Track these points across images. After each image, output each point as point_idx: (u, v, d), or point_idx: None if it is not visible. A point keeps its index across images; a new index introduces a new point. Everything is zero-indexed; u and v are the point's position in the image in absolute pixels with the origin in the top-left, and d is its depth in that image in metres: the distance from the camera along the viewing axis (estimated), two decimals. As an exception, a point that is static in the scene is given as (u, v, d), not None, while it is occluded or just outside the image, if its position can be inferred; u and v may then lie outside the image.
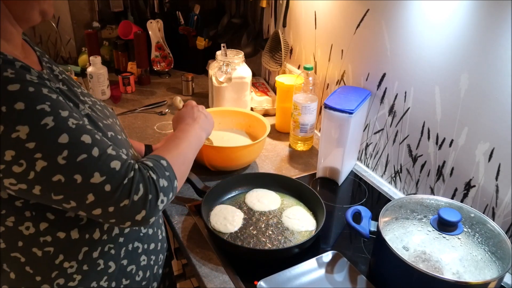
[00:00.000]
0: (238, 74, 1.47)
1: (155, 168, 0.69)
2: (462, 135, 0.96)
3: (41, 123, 0.59)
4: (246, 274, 0.88)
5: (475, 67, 0.89)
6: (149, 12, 2.04)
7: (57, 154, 0.60)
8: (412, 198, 0.92)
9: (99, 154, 0.63)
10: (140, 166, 0.68)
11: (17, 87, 0.58)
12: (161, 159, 0.72)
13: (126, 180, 0.64)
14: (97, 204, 0.63)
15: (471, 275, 0.75)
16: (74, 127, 0.62)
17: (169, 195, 0.70)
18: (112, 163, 0.64)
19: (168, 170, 0.71)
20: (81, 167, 0.61)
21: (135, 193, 0.64)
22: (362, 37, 1.21)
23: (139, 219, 0.66)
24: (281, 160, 1.34)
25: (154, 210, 0.67)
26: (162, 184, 0.69)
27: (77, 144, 0.61)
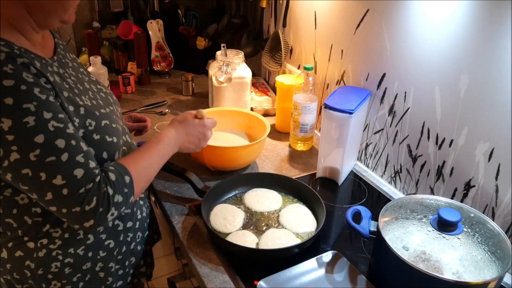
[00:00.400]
0: (238, 74, 1.47)
1: (115, 184, 0.74)
2: (462, 135, 0.96)
3: (23, 120, 0.65)
4: (246, 274, 0.88)
5: (475, 67, 0.89)
6: (149, 12, 2.04)
7: (30, 151, 0.66)
8: (412, 198, 0.92)
9: (66, 160, 0.69)
10: (101, 179, 0.73)
11: (11, 83, 0.64)
12: (125, 175, 0.77)
13: (82, 190, 0.70)
14: (53, 203, 0.70)
15: (471, 275, 0.75)
16: (52, 130, 0.68)
17: (121, 209, 0.76)
18: (76, 170, 0.70)
19: (128, 187, 0.77)
20: (47, 167, 0.67)
21: (87, 203, 0.70)
22: (362, 37, 1.21)
23: (87, 226, 0.72)
24: (281, 160, 1.34)
25: (102, 221, 0.73)
26: (117, 200, 0.74)
27: (50, 146, 0.68)
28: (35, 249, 0.81)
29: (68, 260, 0.84)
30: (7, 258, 0.83)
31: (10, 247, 0.82)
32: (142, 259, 1.02)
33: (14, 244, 0.82)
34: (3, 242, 0.82)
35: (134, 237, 0.96)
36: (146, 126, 1.15)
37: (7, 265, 0.84)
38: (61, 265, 0.84)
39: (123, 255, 0.94)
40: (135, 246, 0.97)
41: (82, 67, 0.93)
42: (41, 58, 0.75)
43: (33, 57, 0.72)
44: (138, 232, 0.98)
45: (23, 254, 0.82)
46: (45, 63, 0.76)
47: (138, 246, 0.98)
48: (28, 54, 0.71)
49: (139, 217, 0.97)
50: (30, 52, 0.72)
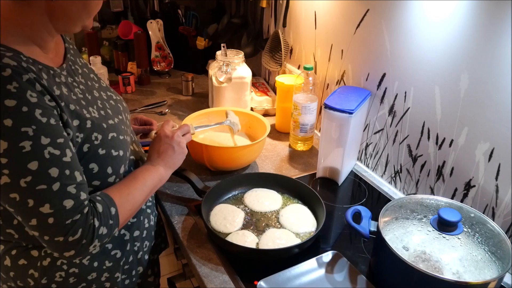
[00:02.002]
0: (238, 74, 1.47)
1: (102, 216, 0.73)
2: (462, 135, 0.96)
3: (19, 144, 0.63)
4: (246, 274, 0.88)
5: (475, 67, 0.89)
6: (149, 12, 2.04)
7: (21, 177, 0.64)
8: (412, 198, 0.92)
9: (57, 189, 0.67)
10: (89, 210, 0.71)
11: (13, 103, 0.62)
12: (111, 206, 0.75)
13: (69, 221, 0.68)
14: (36, 228, 0.68)
15: (471, 275, 0.75)
16: (47, 157, 0.66)
17: (103, 240, 0.74)
18: (65, 201, 0.68)
19: (113, 219, 0.75)
20: (36, 194, 0.65)
21: (71, 235, 0.68)
22: (362, 37, 1.21)
23: (66, 256, 0.71)
24: (281, 160, 1.34)
25: (83, 252, 0.71)
26: (101, 232, 0.72)
27: (42, 174, 0.65)
28: (39, 257, 0.80)
29: (73, 270, 0.82)
30: (11, 266, 0.81)
31: (13, 254, 0.80)
32: (150, 268, 1.00)
33: (18, 252, 0.80)
34: (7, 249, 0.81)
35: (141, 246, 0.95)
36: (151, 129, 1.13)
37: (11, 272, 0.82)
38: (65, 275, 0.82)
39: (130, 265, 0.92)
40: (142, 255, 0.96)
41: (92, 73, 0.91)
42: (49, 68, 0.73)
43: (40, 68, 0.70)
44: (146, 241, 0.96)
45: (26, 263, 0.80)
46: (53, 74, 0.73)
47: (146, 255, 0.97)
48: (36, 65, 0.69)
49: (146, 225, 0.96)
50: (38, 63, 0.70)
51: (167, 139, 0.93)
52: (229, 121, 1.24)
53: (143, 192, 0.84)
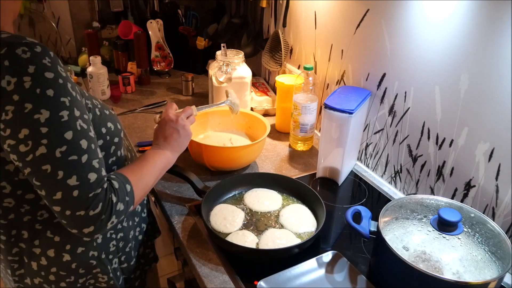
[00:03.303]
0: (238, 74, 1.47)
1: (119, 191, 0.74)
2: (462, 135, 0.96)
3: (59, 113, 0.66)
4: (246, 274, 0.88)
5: (475, 67, 0.89)
6: (149, 12, 2.04)
7: (58, 146, 0.66)
8: (412, 198, 0.92)
9: (85, 161, 0.69)
10: (107, 186, 0.72)
11: (51, 75, 0.65)
12: (126, 184, 0.77)
13: (91, 194, 0.69)
14: (59, 202, 0.68)
15: (471, 275, 0.75)
16: (79, 129, 0.68)
17: (120, 217, 0.75)
18: (90, 174, 0.69)
19: (129, 195, 0.76)
20: (67, 165, 0.67)
21: (92, 209, 0.69)
22: (362, 37, 1.21)
23: (86, 232, 0.71)
24: (281, 160, 1.34)
25: (102, 228, 0.72)
26: (119, 208, 0.73)
27: (75, 145, 0.67)
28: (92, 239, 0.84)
29: (120, 235, 0.89)
30: (71, 259, 0.83)
31: (69, 248, 0.82)
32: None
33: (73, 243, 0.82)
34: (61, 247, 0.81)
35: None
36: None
37: (72, 265, 0.83)
38: (116, 242, 0.89)
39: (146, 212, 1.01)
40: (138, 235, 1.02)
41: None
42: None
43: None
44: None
45: (84, 249, 0.83)
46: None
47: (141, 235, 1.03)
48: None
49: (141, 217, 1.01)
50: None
51: (172, 123, 0.94)
52: (229, 101, 1.22)
53: (153, 173, 0.86)
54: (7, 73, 0.62)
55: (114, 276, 0.90)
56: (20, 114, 0.63)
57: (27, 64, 0.63)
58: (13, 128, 0.64)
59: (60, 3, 1.92)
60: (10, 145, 0.65)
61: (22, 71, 0.62)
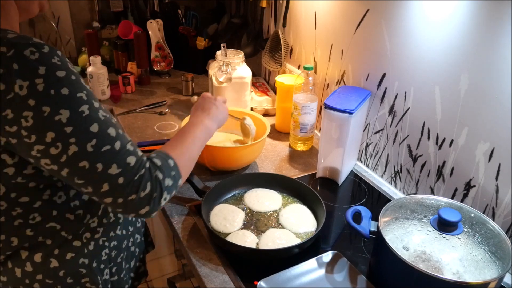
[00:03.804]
0: (238, 74, 1.47)
1: (163, 168, 0.74)
2: (462, 135, 0.96)
3: (79, 109, 0.65)
4: (246, 274, 0.88)
5: (475, 67, 0.89)
6: (149, 12, 2.04)
7: (87, 141, 0.65)
8: (412, 198, 0.92)
9: (120, 148, 0.69)
10: (150, 165, 0.73)
11: (63, 73, 0.64)
12: (168, 159, 0.77)
13: (137, 177, 0.69)
14: (109, 193, 0.68)
15: (471, 275, 0.75)
16: (103, 119, 0.68)
17: (172, 192, 0.76)
18: (128, 158, 0.69)
19: (174, 169, 0.77)
20: (104, 156, 0.67)
21: (142, 190, 0.70)
22: (362, 37, 1.21)
23: (142, 213, 0.72)
24: (281, 160, 1.34)
25: (156, 206, 0.73)
26: (167, 184, 0.74)
27: (104, 135, 0.67)
28: (84, 244, 0.81)
29: (113, 243, 0.87)
30: (59, 266, 0.79)
31: (57, 253, 0.79)
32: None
33: (63, 248, 0.79)
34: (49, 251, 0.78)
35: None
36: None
37: (60, 272, 0.79)
38: (109, 250, 0.86)
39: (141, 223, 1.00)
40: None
41: None
42: None
43: None
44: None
45: (74, 255, 0.80)
46: None
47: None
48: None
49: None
50: None
51: (210, 99, 1.03)
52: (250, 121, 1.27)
53: (195, 144, 0.87)
54: (18, 77, 0.60)
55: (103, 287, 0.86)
56: (40, 118, 0.62)
57: (37, 66, 0.61)
58: (37, 133, 0.63)
59: (60, 3, 1.91)
60: (40, 151, 0.64)
61: (33, 73, 0.61)
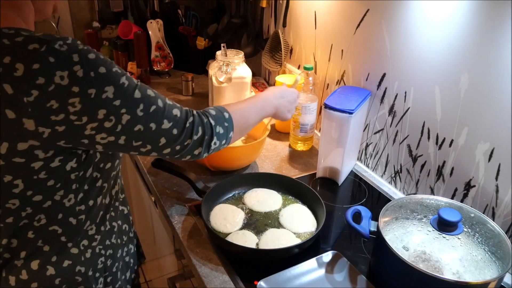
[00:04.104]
0: (238, 74, 1.47)
1: (216, 117, 0.83)
2: (462, 135, 0.96)
3: (120, 82, 0.69)
4: (246, 274, 0.88)
5: (475, 67, 0.89)
6: (149, 12, 2.04)
7: (136, 108, 0.70)
8: (412, 198, 0.92)
9: (163, 104, 0.75)
10: (200, 113, 0.82)
11: (94, 56, 0.67)
12: (224, 111, 0.86)
13: (188, 124, 0.78)
14: (167, 145, 0.76)
15: (471, 275, 0.75)
16: (139, 84, 0.73)
17: (222, 141, 0.84)
18: (174, 110, 0.76)
19: (227, 121, 0.85)
20: (154, 116, 0.73)
21: (195, 133, 0.79)
22: (362, 37, 1.21)
23: (196, 154, 0.81)
24: (281, 160, 1.34)
25: (208, 149, 0.82)
26: (218, 130, 0.83)
27: (147, 98, 0.72)
28: (81, 252, 0.81)
29: (109, 252, 0.87)
30: (55, 273, 0.78)
31: (55, 260, 0.78)
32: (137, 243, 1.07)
33: (60, 255, 0.79)
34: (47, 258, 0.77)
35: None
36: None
37: (56, 280, 0.79)
38: (105, 259, 0.86)
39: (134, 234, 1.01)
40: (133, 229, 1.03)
41: None
42: None
43: None
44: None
45: (71, 262, 0.80)
46: None
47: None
48: None
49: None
50: None
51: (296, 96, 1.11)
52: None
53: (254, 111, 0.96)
54: (56, 69, 0.62)
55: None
56: (89, 101, 0.65)
57: (71, 55, 0.64)
58: (89, 114, 0.66)
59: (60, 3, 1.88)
60: (94, 128, 0.67)
61: (69, 62, 0.64)
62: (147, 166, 1.25)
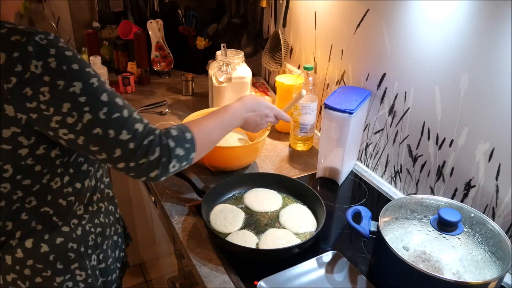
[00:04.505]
0: (238, 74, 1.47)
1: (177, 139, 0.79)
2: (462, 135, 0.96)
3: (90, 81, 0.71)
4: (246, 274, 0.88)
5: (475, 67, 0.89)
6: (149, 12, 2.04)
7: (100, 110, 0.71)
8: (412, 198, 0.92)
9: (128, 115, 0.75)
10: (162, 133, 0.79)
11: (71, 53, 0.71)
12: (186, 132, 0.82)
13: (146, 142, 0.75)
14: (122, 158, 0.74)
15: (471, 275, 0.75)
16: (110, 90, 0.74)
17: (182, 163, 0.81)
18: (136, 124, 0.75)
19: (189, 142, 0.81)
20: (115, 123, 0.73)
21: (151, 154, 0.75)
22: (362, 37, 1.21)
23: (152, 176, 0.78)
24: (281, 160, 1.34)
25: (165, 171, 0.78)
26: (178, 153, 0.79)
27: (113, 104, 0.73)
28: (72, 230, 0.85)
29: (98, 230, 0.91)
30: (49, 250, 0.83)
31: (48, 238, 0.83)
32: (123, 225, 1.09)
33: (52, 234, 0.83)
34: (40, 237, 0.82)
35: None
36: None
37: (50, 256, 0.83)
38: (95, 236, 0.90)
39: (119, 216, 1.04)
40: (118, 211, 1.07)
41: None
42: None
43: None
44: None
45: (63, 239, 0.84)
46: None
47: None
48: None
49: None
50: None
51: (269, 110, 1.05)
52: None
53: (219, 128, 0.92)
54: (32, 58, 0.66)
55: (92, 274, 0.90)
56: (56, 91, 0.68)
57: (48, 48, 0.68)
58: (55, 105, 0.69)
59: (60, 3, 1.92)
60: (58, 121, 0.70)
61: (45, 54, 0.67)
62: (147, 166, 1.25)
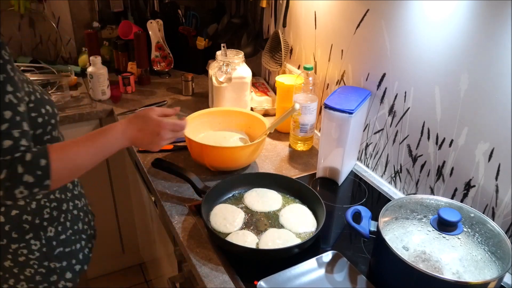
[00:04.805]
0: (238, 74, 1.47)
1: (27, 164, 0.75)
2: (462, 135, 0.96)
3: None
4: (246, 274, 0.88)
5: (475, 67, 0.89)
6: (149, 12, 2.04)
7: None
8: (412, 198, 0.92)
9: (3, 130, 0.74)
10: (18, 156, 0.75)
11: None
12: (42, 158, 0.77)
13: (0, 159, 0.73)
14: None
15: (471, 275, 0.75)
16: (7, 102, 0.75)
17: (32, 189, 0.76)
18: (5, 141, 0.74)
19: (42, 170, 0.76)
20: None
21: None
22: (362, 37, 1.21)
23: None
24: (281, 160, 1.34)
25: (9, 195, 0.75)
26: (26, 180, 0.75)
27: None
28: (27, 204, 0.92)
29: (53, 204, 0.97)
30: (5, 221, 0.91)
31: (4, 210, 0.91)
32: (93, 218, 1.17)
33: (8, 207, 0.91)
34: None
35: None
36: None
37: (6, 226, 0.92)
38: (50, 210, 0.96)
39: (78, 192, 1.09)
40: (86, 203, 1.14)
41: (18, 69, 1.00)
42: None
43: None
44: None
45: (18, 212, 0.92)
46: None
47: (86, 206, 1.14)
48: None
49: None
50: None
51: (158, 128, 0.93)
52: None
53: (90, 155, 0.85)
54: None
55: (47, 244, 0.96)
56: None
57: None
58: None
59: (60, 3, 1.91)
60: None
61: None
62: (147, 166, 1.25)
